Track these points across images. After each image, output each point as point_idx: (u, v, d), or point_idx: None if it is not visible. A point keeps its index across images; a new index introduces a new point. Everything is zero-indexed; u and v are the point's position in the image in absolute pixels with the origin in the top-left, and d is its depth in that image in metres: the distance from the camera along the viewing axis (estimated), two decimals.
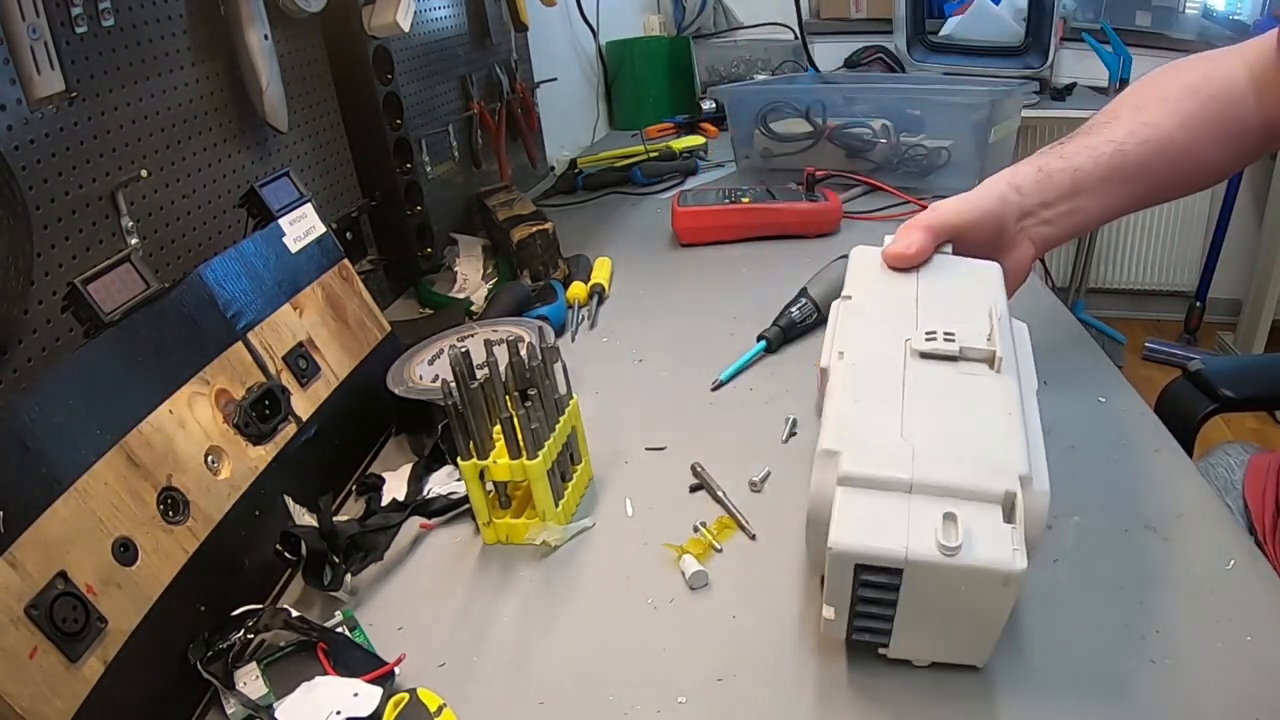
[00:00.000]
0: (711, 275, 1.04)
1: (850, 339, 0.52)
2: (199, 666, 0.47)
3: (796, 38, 2.03)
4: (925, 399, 0.46)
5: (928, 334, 0.49)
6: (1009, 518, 0.40)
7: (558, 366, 0.61)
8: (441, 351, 0.75)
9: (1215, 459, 0.79)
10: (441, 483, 0.66)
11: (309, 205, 0.73)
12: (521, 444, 0.56)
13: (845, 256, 0.91)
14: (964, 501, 0.40)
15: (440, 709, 0.45)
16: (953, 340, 0.48)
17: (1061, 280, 2.75)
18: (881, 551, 0.39)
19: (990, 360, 0.48)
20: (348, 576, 0.55)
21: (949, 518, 0.39)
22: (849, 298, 0.56)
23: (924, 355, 0.49)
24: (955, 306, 0.53)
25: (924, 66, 2.08)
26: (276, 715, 0.45)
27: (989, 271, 0.57)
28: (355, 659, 0.49)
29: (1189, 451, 0.85)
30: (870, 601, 0.41)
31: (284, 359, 0.64)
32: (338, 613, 0.53)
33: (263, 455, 0.59)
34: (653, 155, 1.53)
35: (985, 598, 0.39)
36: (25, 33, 0.54)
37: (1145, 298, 2.90)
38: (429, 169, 1.10)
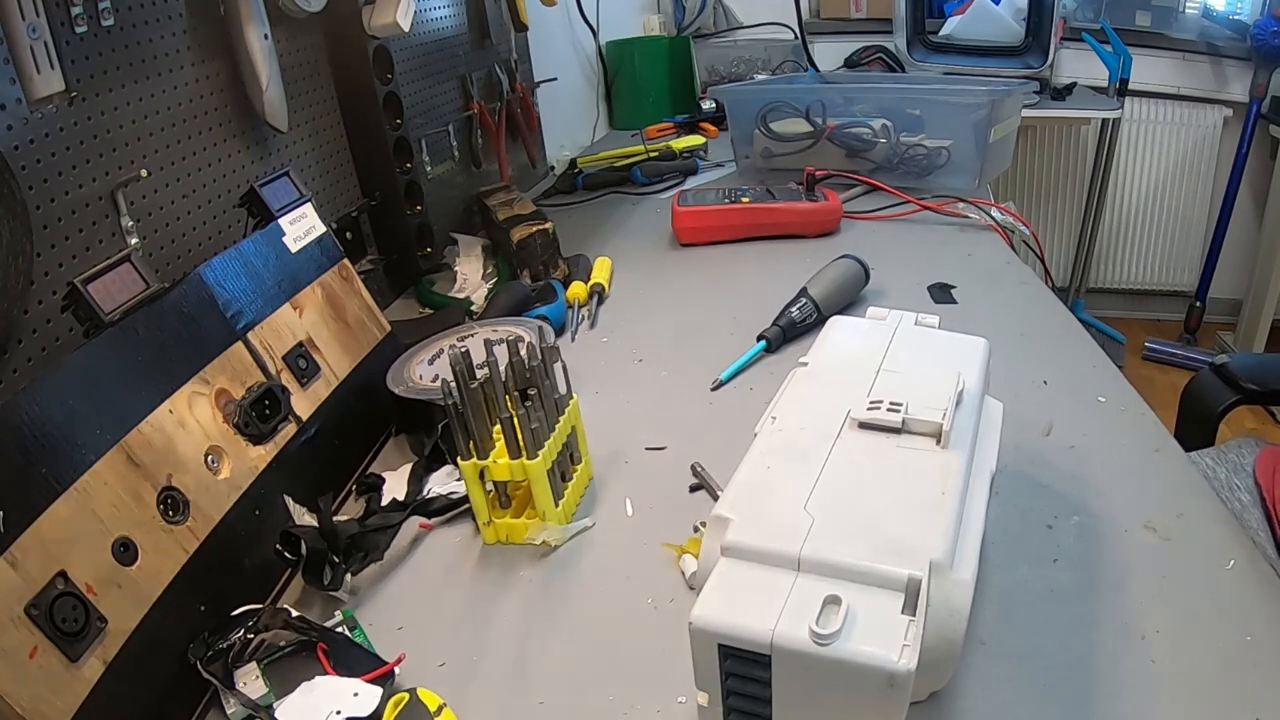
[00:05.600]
0: (711, 275, 1.04)
1: (789, 405, 0.48)
2: (199, 666, 0.47)
3: (796, 38, 2.03)
4: (849, 471, 0.42)
5: (871, 403, 0.45)
6: (910, 608, 0.35)
7: (558, 366, 0.61)
8: (441, 351, 0.75)
9: (1227, 447, 0.81)
10: (441, 483, 0.66)
11: (309, 205, 0.73)
12: (521, 444, 0.56)
13: (846, 256, 0.91)
14: (857, 585, 0.36)
15: (440, 709, 0.45)
16: (897, 411, 0.44)
17: (1061, 280, 2.74)
18: (745, 632, 0.35)
19: (937, 435, 0.43)
20: (348, 576, 0.55)
21: (831, 601, 0.35)
22: (805, 364, 0.52)
23: (863, 425, 0.45)
24: (919, 378, 0.48)
25: (924, 66, 2.08)
26: (276, 715, 0.45)
27: (971, 345, 0.52)
28: (355, 659, 0.49)
29: (1211, 440, 0.86)
30: (742, 694, 0.37)
31: (284, 359, 0.64)
32: (338, 613, 0.53)
33: (263, 455, 0.59)
34: (653, 155, 1.53)
35: (869, 699, 0.34)
36: (25, 33, 0.54)
37: (1145, 298, 2.90)
38: (429, 169, 1.10)
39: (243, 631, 0.49)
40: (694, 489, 0.63)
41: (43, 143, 0.57)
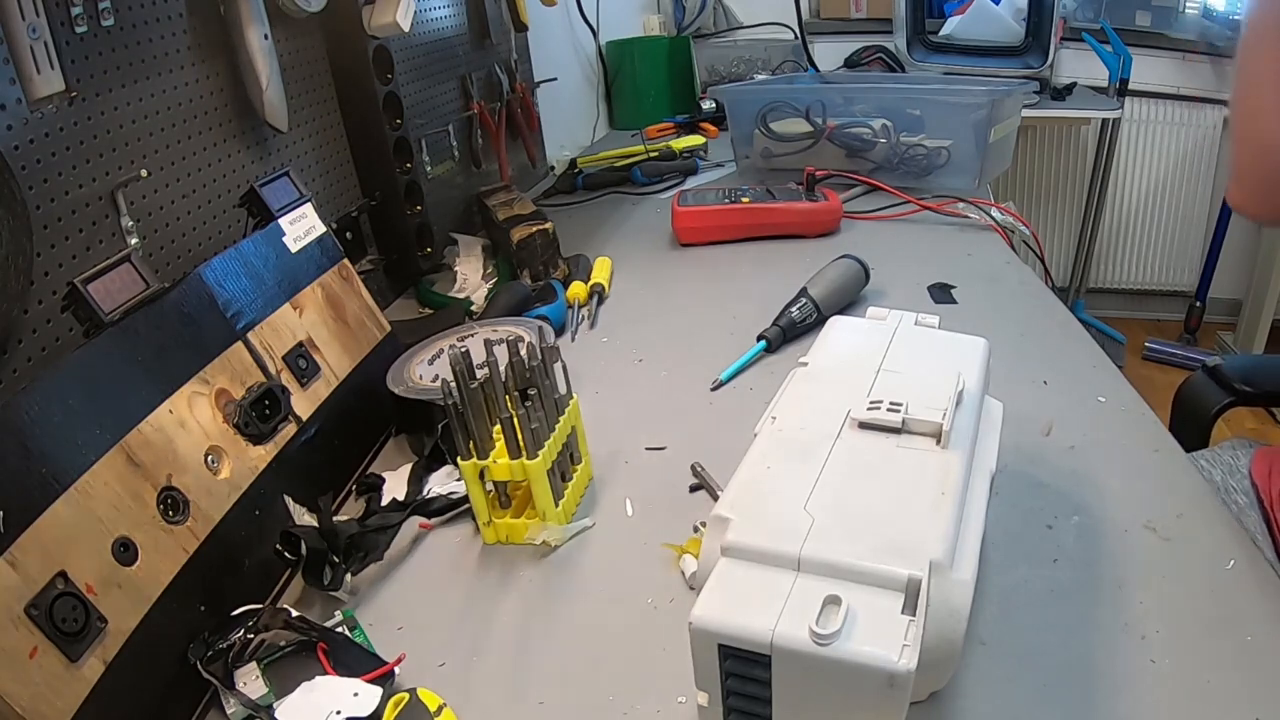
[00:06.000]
0: (711, 275, 1.04)
1: (789, 405, 0.48)
2: (199, 666, 0.47)
3: (796, 38, 2.03)
4: (849, 471, 0.42)
5: (871, 403, 0.45)
6: (910, 608, 0.35)
7: (558, 366, 0.61)
8: (441, 351, 0.75)
9: (1222, 449, 0.82)
10: (441, 483, 0.66)
11: (309, 205, 0.73)
12: (521, 444, 0.56)
13: (846, 256, 0.91)
14: (857, 585, 0.36)
15: (440, 709, 0.45)
16: (897, 411, 0.44)
17: (1061, 280, 2.75)
18: (744, 633, 0.35)
19: (937, 435, 0.43)
20: (348, 576, 0.55)
21: (831, 601, 0.35)
22: (805, 364, 0.52)
23: (863, 425, 0.45)
24: (919, 378, 0.48)
25: (924, 66, 2.08)
26: (276, 715, 0.45)
27: (971, 345, 0.52)
28: (355, 659, 0.49)
29: (1204, 442, 0.86)
30: (742, 694, 0.37)
31: (284, 359, 0.64)
32: (338, 613, 0.53)
33: (263, 455, 0.59)
34: (653, 155, 1.53)
35: (870, 699, 0.34)
36: (25, 33, 0.54)
37: (1145, 298, 2.90)
38: (429, 169, 1.10)
39: (243, 631, 0.49)
40: (694, 489, 0.63)
41: (43, 143, 0.57)
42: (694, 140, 1.62)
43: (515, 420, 0.56)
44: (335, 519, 0.57)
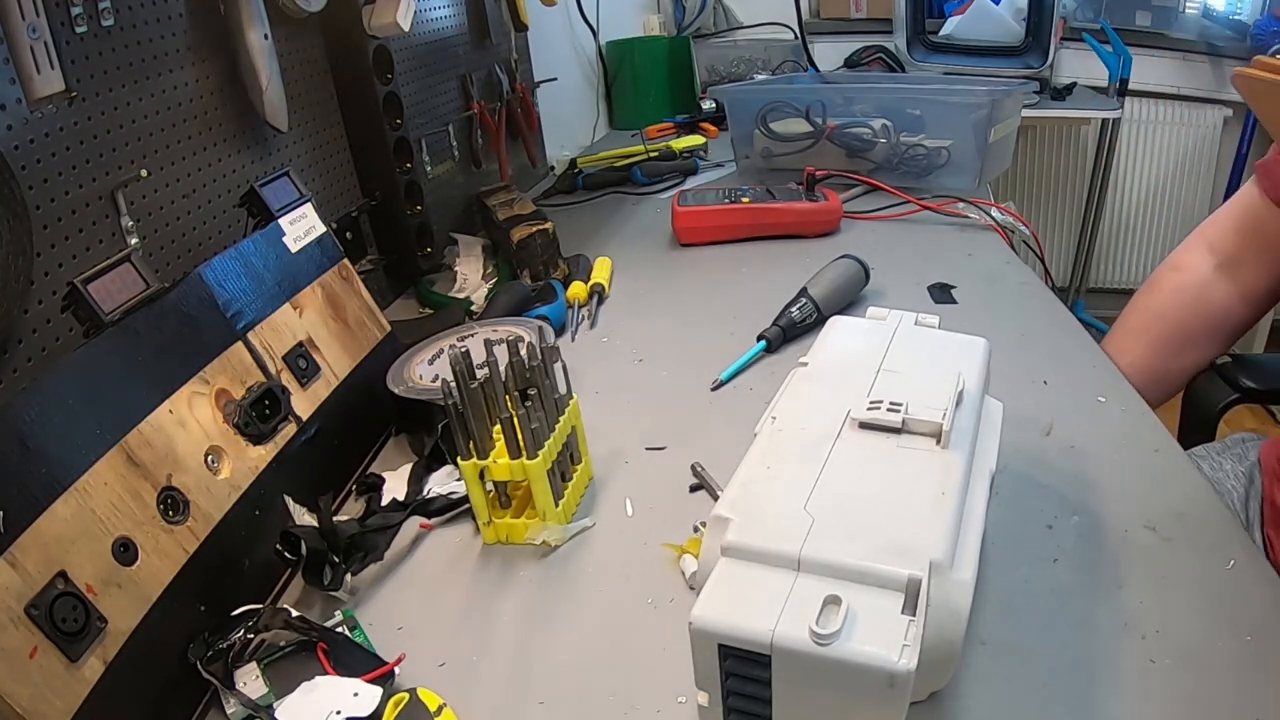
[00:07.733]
0: (711, 275, 1.04)
1: (789, 405, 0.48)
2: (199, 666, 0.47)
3: (796, 38, 2.03)
4: (849, 471, 0.42)
5: (871, 403, 0.45)
6: (910, 608, 0.35)
7: (558, 366, 0.61)
8: (441, 351, 0.75)
9: (1228, 442, 0.83)
10: (441, 483, 0.66)
11: (309, 205, 0.73)
12: (521, 444, 0.56)
13: (846, 256, 0.91)
14: (857, 585, 0.36)
15: (440, 709, 0.45)
16: (897, 411, 0.44)
17: (1061, 280, 2.74)
18: (744, 632, 0.35)
19: (937, 435, 0.43)
20: (348, 576, 0.55)
21: (831, 601, 0.35)
22: (805, 364, 0.52)
23: (863, 425, 0.45)
24: (919, 378, 0.48)
25: (924, 66, 2.08)
26: (276, 715, 0.45)
27: (971, 345, 0.52)
28: (355, 659, 0.49)
29: (1211, 437, 0.87)
30: (742, 694, 0.37)
31: (284, 359, 0.64)
32: (338, 613, 0.53)
33: (263, 455, 0.59)
34: (653, 155, 1.53)
35: (870, 699, 0.34)
36: (25, 33, 0.54)
37: None
38: (429, 169, 1.10)
39: (243, 631, 0.49)
40: (694, 489, 0.63)
41: (43, 143, 0.57)
42: (694, 140, 1.62)
43: (515, 420, 0.56)
44: (335, 519, 0.57)
